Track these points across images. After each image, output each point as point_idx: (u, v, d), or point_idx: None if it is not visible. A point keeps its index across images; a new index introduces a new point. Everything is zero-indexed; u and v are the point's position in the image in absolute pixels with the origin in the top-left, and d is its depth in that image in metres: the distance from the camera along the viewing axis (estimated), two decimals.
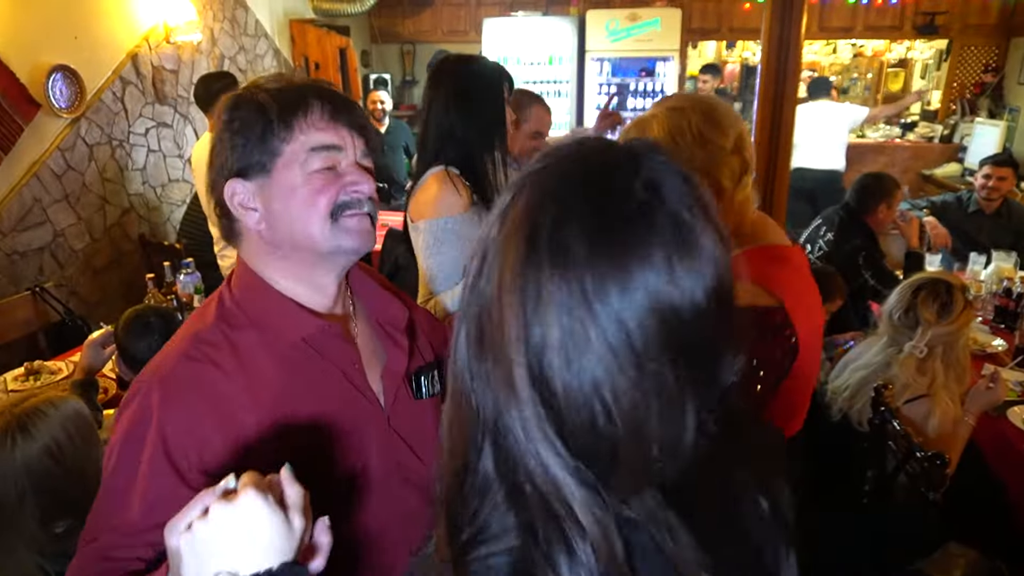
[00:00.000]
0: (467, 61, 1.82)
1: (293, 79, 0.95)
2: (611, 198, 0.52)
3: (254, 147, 0.90)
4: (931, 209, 3.80)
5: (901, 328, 2.04)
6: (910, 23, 6.08)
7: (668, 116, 1.13)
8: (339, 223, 0.92)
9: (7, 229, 3.29)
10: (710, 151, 1.10)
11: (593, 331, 0.50)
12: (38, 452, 1.21)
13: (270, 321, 0.94)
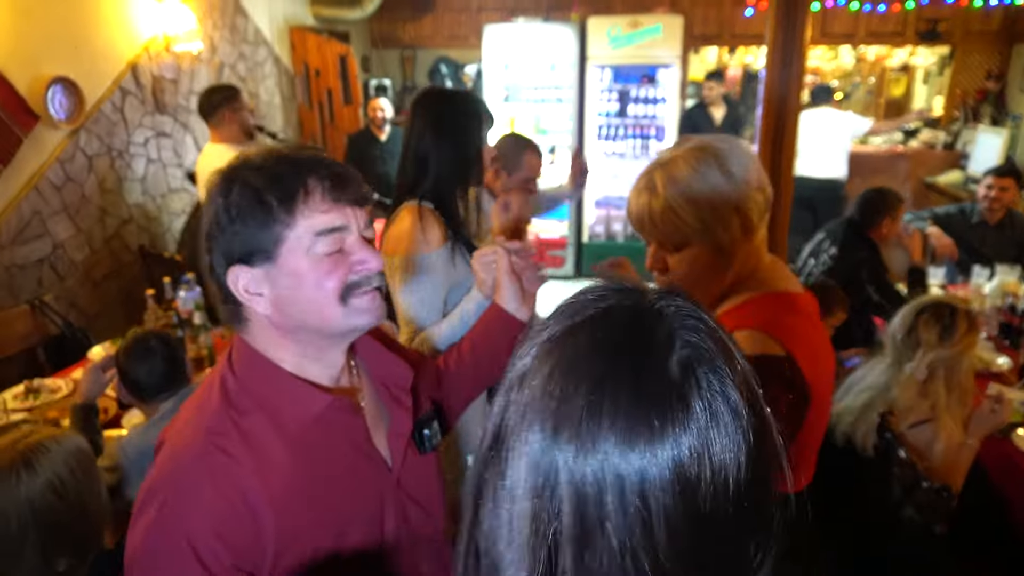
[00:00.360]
0: (449, 94, 1.85)
1: (284, 152, 0.91)
2: (646, 381, 0.49)
3: (255, 234, 0.87)
4: (934, 220, 3.78)
5: (903, 350, 2.03)
6: (912, 29, 6.06)
7: (693, 154, 1.09)
8: (350, 304, 0.91)
9: (6, 242, 3.28)
10: (737, 186, 1.07)
11: (611, 523, 0.47)
12: (41, 488, 1.21)
13: (279, 403, 0.92)
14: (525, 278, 1.30)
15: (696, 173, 1.07)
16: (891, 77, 8.21)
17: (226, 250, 0.88)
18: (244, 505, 0.86)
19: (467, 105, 1.78)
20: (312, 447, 0.92)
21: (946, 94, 6.53)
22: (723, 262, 1.11)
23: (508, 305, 1.28)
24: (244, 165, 0.90)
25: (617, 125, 6.08)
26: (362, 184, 0.93)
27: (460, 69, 6.79)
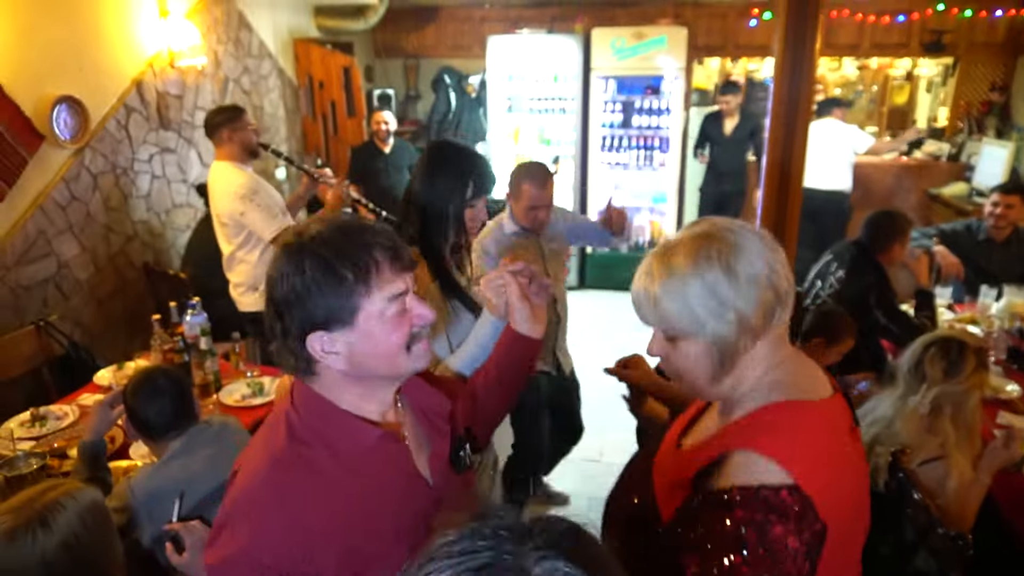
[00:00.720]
0: (449, 149, 1.84)
1: (346, 225, 1.03)
2: None
3: (334, 303, 0.98)
4: (940, 238, 3.77)
5: (910, 383, 2.02)
6: (917, 40, 6.06)
7: (696, 244, 0.99)
8: (412, 352, 1.06)
9: (11, 263, 3.27)
10: (739, 287, 0.96)
11: None
12: (56, 547, 1.23)
13: (336, 437, 1.05)
14: (532, 295, 1.39)
15: (693, 267, 0.98)
16: (894, 86, 8.21)
17: (304, 318, 0.99)
18: (310, 527, 0.98)
19: (459, 163, 1.77)
20: (366, 473, 1.04)
21: (950, 105, 6.52)
22: (721, 362, 1.00)
23: (522, 327, 1.38)
24: (311, 239, 1.00)
25: (621, 136, 6.07)
26: (409, 251, 1.07)
27: (464, 79, 6.79)
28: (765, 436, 0.95)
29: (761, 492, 0.89)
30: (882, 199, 6.09)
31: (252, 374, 2.79)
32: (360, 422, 1.06)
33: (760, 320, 0.98)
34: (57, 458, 2.23)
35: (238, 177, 3.11)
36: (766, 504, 0.88)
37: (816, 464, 0.92)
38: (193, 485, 1.73)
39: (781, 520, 0.87)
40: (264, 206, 3.08)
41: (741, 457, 0.95)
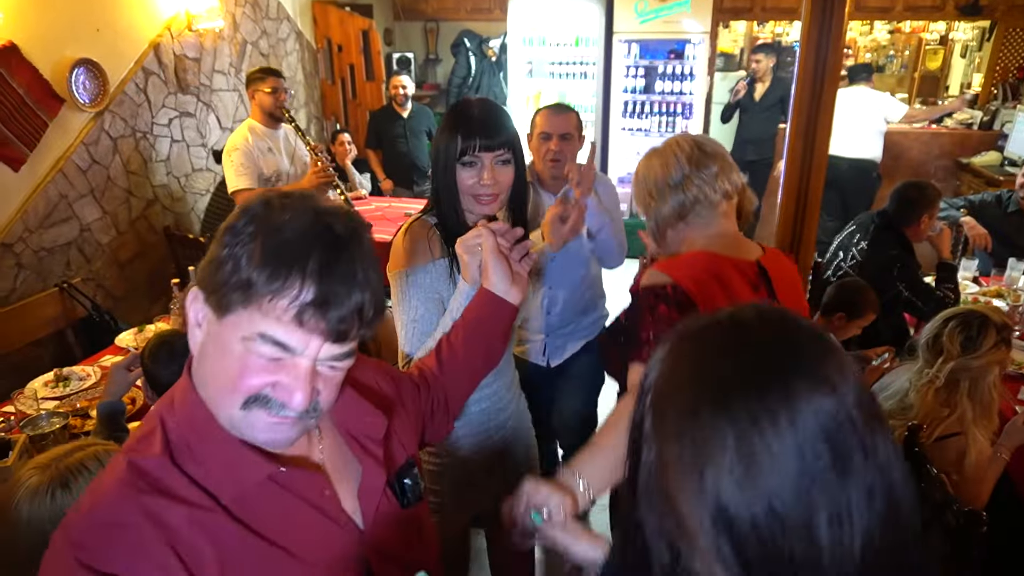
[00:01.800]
0: (454, 108, 1.55)
1: (319, 219, 0.78)
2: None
3: (222, 282, 0.75)
4: (969, 208, 3.68)
5: (928, 356, 1.99)
6: (952, 3, 5.82)
7: (664, 146, 1.50)
8: (250, 413, 0.78)
9: (34, 226, 3.31)
10: (703, 172, 1.44)
11: (765, 456, 0.56)
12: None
13: (213, 466, 0.80)
14: (513, 259, 1.24)
15: (640, 171, 1.52)
16: (927, 50, 7.95)
17: (202, 272, 0.79)
18: (180, 563, 0.76)
19: (451, 113, 1.51)
20: (256, 511, 0.81)
21: (985, 71, 6.30)
22: (657, 231, 1.52)
23: (497, 288, 1.22)
24: (280, 208, 0.78)
25: (643, 101, 5.96)
26: (356, 322, 0.78)
27: (484, 43, 6.68)
28: (666, 261, 1.45)
29: (653, 289, 1.37)
30: (911, 168, 5.94)
31: None
32: (243, 451, 0.80)
33: (670, 213, 1.47)
34: (79, 417, 2.28)
35: (239, 133, 3.24)
36: (653, 292, 1.37)
37: (693, 275, 1.36)
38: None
39: (663, 302, 1.35)
40: (237, 164, 3.17)
41: (649, 273, 1.43)
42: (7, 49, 3.05)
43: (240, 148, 3.19)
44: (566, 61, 6.04)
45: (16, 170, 3.19)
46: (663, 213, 1.47)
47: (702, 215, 1.46)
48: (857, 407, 0.58)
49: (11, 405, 2.35)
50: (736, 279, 1.40)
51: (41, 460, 1.28)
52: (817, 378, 0.58)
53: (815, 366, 0.59)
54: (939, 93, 7.65)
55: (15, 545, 1.20)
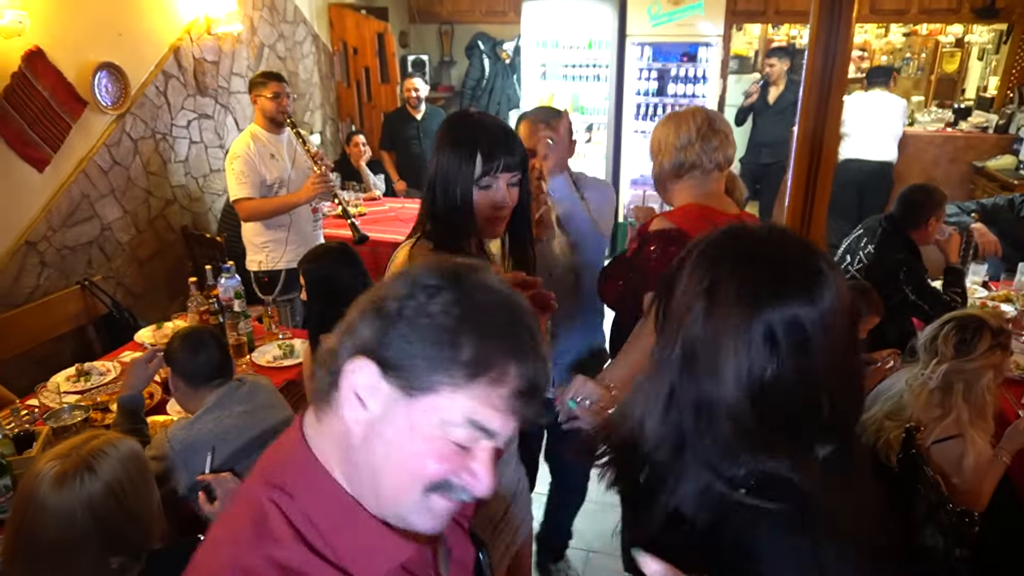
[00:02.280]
0: (465, 116, 1.49)
1: (516, 306, 0.74)
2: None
3: (420, 362, 0.70)
4: (980, 212, 3.67)
5: (925, 358, 2.01)
6: (968, 6, 5.79)
7: (682, 112, 1.83)
8: (429, 500, 0.73)
9: (57, 225, 3.41)
10: (668, 146, 1.79)
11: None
12: (102, 491, 1.29)
13: (353, 553, 0.74)
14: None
15: (657, 130, 1.83)
16: (944, 53, 7.90)
17: (374, 340, 0.71)
18: None
19: (466, 131, 1.42)
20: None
21: (1001, 74, 6.26)
22: (659, 183, 1.87)
23: None
24: (476, 283, 0.73)
25: (656, 104, 5.98)
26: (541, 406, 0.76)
27: (498, 45, 6.73)
28: (672, 212, 1.79)
29: (662, 232, 1.70)
30: (925, 171, 5.92)
31: (284, 336, 2.88)
32: (387, 533, 0.76)
33: (669, 169, 1.79)
34: (100, 411, 2.35)
35: (241, 140, 3.24)
36: (664, 235, 1.70)
37: (691, 223, 1.68)
38: (225, 438, 1.83)
39: (674, 244, 1.63)
40: (239, 172, 3.17)
41: (657, 219, 1.77)
42: (33, 54, 3.14)
43: (241, 156, 3.16)
44: (579, 64, 6.08)
45: (41, 171, 3.28)
46: (664, 167, 1.80)
47: (696, 177, 1.79)
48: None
49: (35, 398, 2.43)
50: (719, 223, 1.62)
51: (58, 451, 1.34)
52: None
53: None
54: (956, 96, 7.59)
55: (46, 530, 1.26)
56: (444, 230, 1.42)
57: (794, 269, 0.84)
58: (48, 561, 1.27)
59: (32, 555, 1.28)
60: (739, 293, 0.83)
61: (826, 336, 0.81)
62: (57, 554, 1.27)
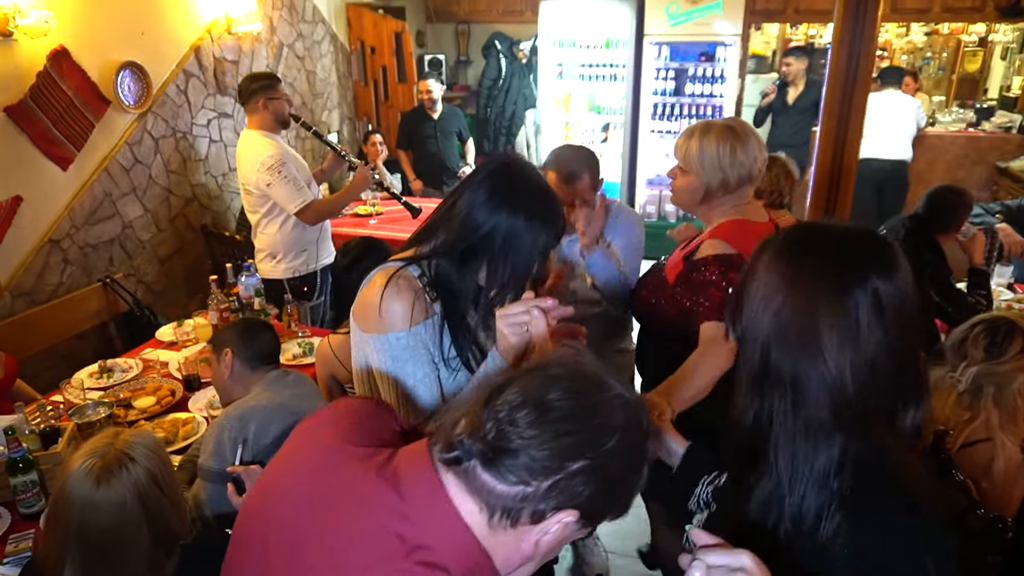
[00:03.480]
0: (532, 180, 1.34)
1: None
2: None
3: (609, 512, 0.86)
4: (1005, 213, 3.62)
5: (952, 360, 1.98)
6: (992, 4, 5.71)
7: (723, 130, 1.77)
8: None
9: (80, 223, 3.44)
10: (733, 163, 1.75)
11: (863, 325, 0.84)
12: (145, 478, 1.32)
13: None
14: (561, 342, 1.13)
15: (714, 145, 1.74)
16: (966, 52, 7.80)
17: (588, 500, 0.78)
18: None
19: (540, 203, 1.32)
20: None
21: None
22: (704, 194, 1.79)
23: None
24: (631, 432, 0.81)
25: (673, 104, 5.95)
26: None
27: (515, 44, 6.73)
28: (725, 231, 1.77)
29: (722, 257, 1.71)
30: (948, 171, 5.86)
31: (304, 334, 2.90)
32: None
33: (733, 185, 1.76)
34: (123, 407, 2.37)
35: (267, 148, 3.06)
36: (727, 261, 1.70)
37: (742, 242, 1.70)
38: (273, 418, 1.85)
39: (734, 270, 1.65)
40: (291, 178, 3.05)
41: (710, 241, 1.77)
42: (59, 53, 3.18)
43: (284, 162, 3.05)
44: (596, 63, 6.06)
45: (64, 169, 3.32)
46: (727, 181, 1.76)
47: (741, 192, 1.81)
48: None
49: (59, 394, 2.45)
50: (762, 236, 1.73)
51: (88, 451, 1.35)
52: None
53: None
54: (977, 96, 7.50)
55: (99, 527, 1.27)
56: (455, 275, 1.32)
57: (865, 243, 0.88)
58: (104, 559, 1.29)
59: (86, 555, 1.28)
60: (819, 274, 0.86)
61: (903, 306, 0.85)
62: (112, 550, 1.29)
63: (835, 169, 2.91)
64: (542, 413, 0.76)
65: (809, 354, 0.85)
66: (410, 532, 0.78)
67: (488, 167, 1.35)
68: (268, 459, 1.80)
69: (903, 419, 0.88)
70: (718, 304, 1.65)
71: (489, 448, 0.76)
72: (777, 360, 0.88)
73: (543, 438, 0.75)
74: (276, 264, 3.24)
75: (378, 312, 1.31)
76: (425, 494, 0.80)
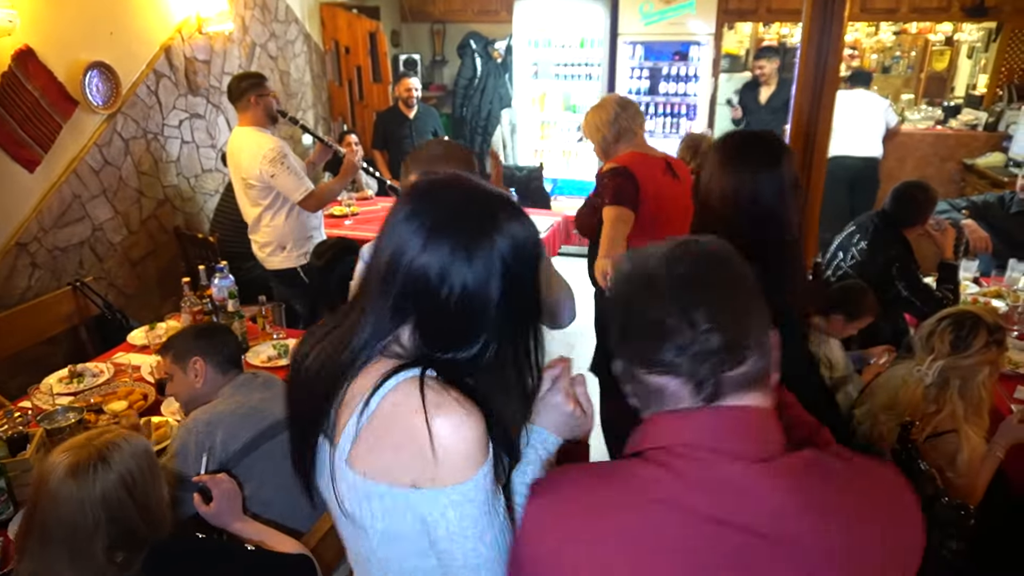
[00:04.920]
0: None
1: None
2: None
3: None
4: (971, 209, 3.70)
5: (920, 353, 2.03)
6: (958, 5, 5.83)
7: (602, 102, 2.80)
8: None
9: (48, 226, 3.38)
10: (606, 120, 2.72)
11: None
12: (114, 483, 1.29)
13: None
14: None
15: (593, 114, 2.74)
16: (933, 51, 7.95)
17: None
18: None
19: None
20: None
21: (991, 72, 6.31)
22: (603, 150, 2.75)
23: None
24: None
25: (647, 103, 5.99)
26: None
27: (490, 44, 6.73)
28: (618, 159, 2.64)
29: (612, 169, 2.57)
30: (917, 168, 5.97)
31: (278, 336, 2.87)
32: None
33: (613, 136, 2.69)
34: (93, 412, 2.34)
35: (267, 141, 3.15)
36: (613, 171, 2.56)
37: (631, 162, 2.58)
38: (243, 423, 1.83)
39: (620, 176, 2.54)
40: (293, 169, 3.15)
41: (608, 165, 2.64)
42: (24, 53, 3.12)
43: (284, 153, 3.14)
44: (571, 63, 6.09)
45: (31, 171, 3.26)
46: (607, 138, 2.69)
47: (628, 139, 2.70)
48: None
49: (28, 400, 2.41)
50: (653, 164, 2.68)
51: (74, 442, 1.33)
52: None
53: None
54: (945, 94, 7.65)
55: (58, 519, 1.26)
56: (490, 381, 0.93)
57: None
58: (58, 549, 1.27)
59: (44, 542, 1.28)
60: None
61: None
62: (67, 542, 1.27)
63: (805, 166, 2.95)
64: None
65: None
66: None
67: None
68: (236, 466, 1.79)
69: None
70: (611, 194, 2.49)
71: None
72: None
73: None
74: (288, 253, 3.34)
75: (463, 450, 0.87)
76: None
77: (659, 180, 2.62)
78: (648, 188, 2.55)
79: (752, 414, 0.81)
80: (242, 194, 3.32)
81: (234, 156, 3.28)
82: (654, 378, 0.81)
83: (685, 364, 0.78)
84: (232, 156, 3.30)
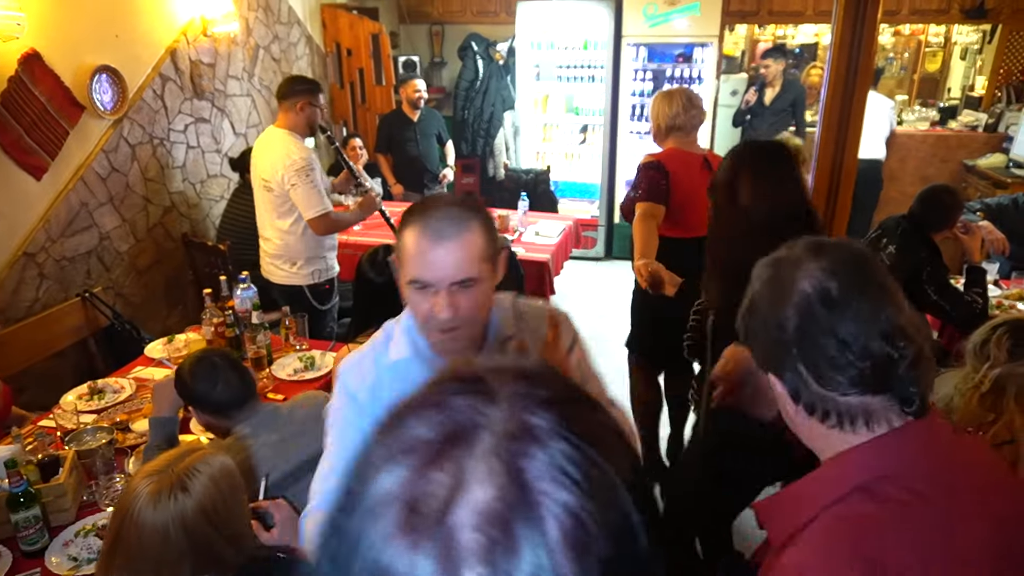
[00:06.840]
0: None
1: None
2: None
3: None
4: (986, 212, 3.71)
5: (974, 361, 2.00)
6: (957, 6, 5.88)
7: (671, 91, 2.92)
8: None
9: (56, 235, 3.28)
10: (668, 110, 2.89)
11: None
12: (194, 510, 1.25)
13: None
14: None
15: (661, 98, 2.89)
16: (927, 52, 8.00)
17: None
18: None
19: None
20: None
21: (989, 73, 6.37)
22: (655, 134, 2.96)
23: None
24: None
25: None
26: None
27: (491, 46, 6.67)
28: (657, 154, 2.87)
29: (647, 163, 2.82)
30: (917, 169, 6.00)
31: (302, 347, 2.80)
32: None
33: (667, 129, 2.89)
34: (120, 431, 2.25)
35: (299, 150, 3.03)
36: (648, 164, 2.81)
37: (666, 158, 2.83)
38: (275, 462, 1.75)
39: (652, 170, 2.78)
40: (316, 185, 3.02)
41: (645, 157, 2.89)
42: (30, 57, 3.02)
43: (313, 167, 3.03)
44: (574, 64, 6.05)
45: (39, 179, 3.15)
46: (661, 128, 2.88)
47: (677, 135, 2.87)
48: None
49: (49, 419, 2.32)
50: (691, 160, 2.84)
51: (153, 467, 1.30)
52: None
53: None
54: (939, 95, 7.71)
55: (141, 547, 1.23)
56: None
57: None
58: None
59: (131, 571, 1.24)
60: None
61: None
62: (152, 571, 1.23)
63: (835, 170, 2.93)
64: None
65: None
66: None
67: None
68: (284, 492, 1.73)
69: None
70: (642, 188, 2.75)
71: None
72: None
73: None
74: (295, 270, 3.22)
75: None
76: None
77: (694, 175, 2.79)
78: (681, 182, 2.78)
79: (936, 412, 0.90)
80: (261, 195, 3.18)
81: (259, 155, 3.15)
82: (854, 399, 0.82)
83: (892, 381, 0.80)
84: (257, 155, 3.16)
